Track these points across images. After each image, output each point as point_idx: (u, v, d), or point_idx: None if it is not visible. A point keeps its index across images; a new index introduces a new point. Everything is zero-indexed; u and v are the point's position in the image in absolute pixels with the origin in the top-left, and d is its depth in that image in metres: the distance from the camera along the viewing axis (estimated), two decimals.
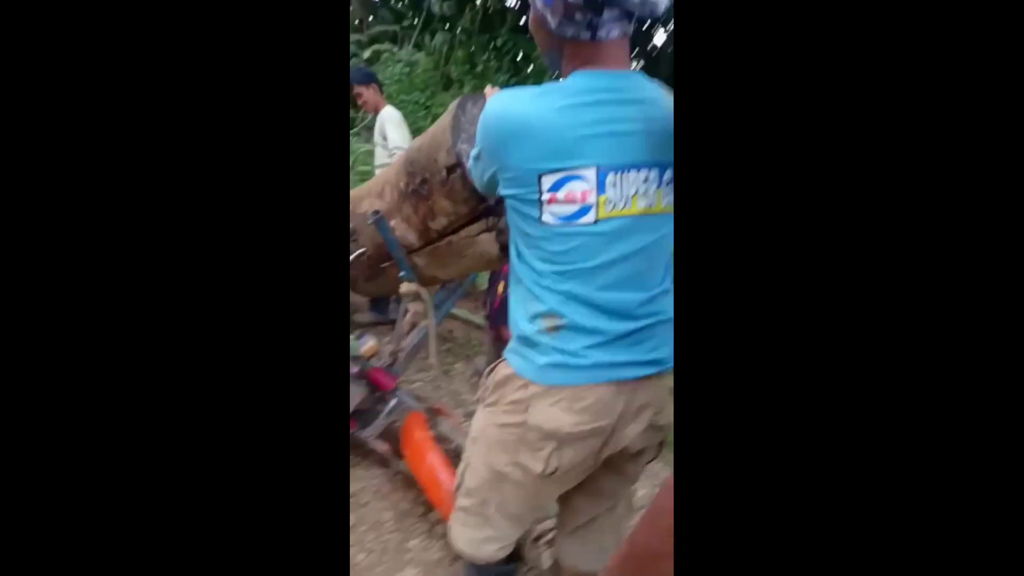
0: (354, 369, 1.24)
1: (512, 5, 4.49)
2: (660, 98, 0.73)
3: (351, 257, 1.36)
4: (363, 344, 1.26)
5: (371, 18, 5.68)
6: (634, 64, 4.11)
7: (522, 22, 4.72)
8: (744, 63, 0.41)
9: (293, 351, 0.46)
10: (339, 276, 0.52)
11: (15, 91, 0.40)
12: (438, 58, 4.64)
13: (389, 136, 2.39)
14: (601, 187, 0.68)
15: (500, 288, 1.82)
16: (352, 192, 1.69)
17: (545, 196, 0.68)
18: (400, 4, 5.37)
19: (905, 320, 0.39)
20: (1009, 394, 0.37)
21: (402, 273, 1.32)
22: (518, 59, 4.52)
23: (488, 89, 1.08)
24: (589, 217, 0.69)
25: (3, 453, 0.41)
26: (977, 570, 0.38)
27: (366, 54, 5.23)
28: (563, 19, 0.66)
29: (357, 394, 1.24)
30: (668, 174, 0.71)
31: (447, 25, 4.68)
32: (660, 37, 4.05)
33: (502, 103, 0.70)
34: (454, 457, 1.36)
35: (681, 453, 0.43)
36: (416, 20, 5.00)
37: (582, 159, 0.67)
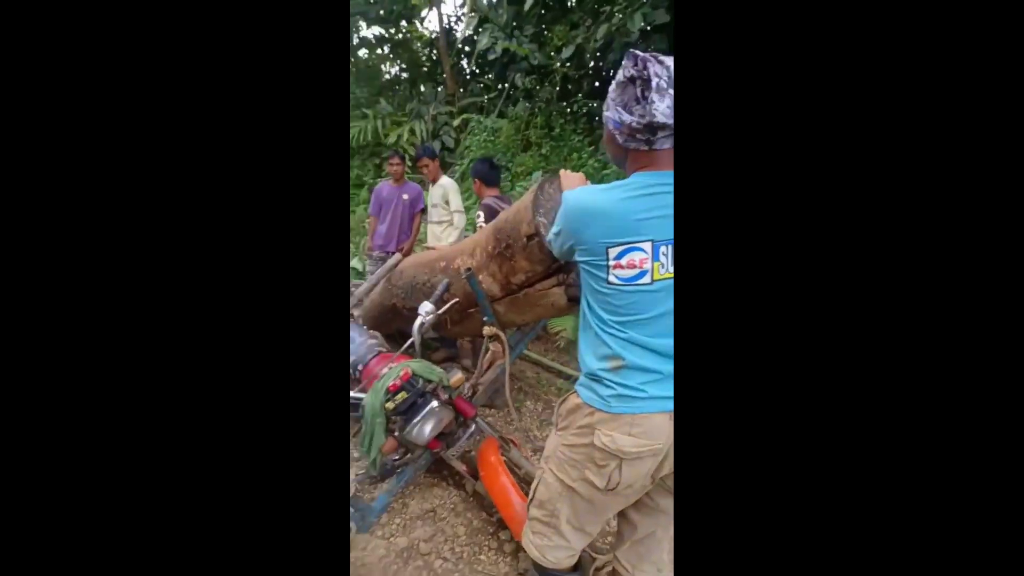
0: (444, 396, 1.50)
1: (589, 72, 4.92)
2: None
3: (446, 306, 1.65)
4: (452, 376, 1.52)
5: (462, 91, 6.49)
6: None
7: (596, 85, 5.13)
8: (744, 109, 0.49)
9: (296, 356, 0.50)
10: (339, 292, 0.57)
11: (16, 92, 0.41)
12: (519, 124, 5.17)
13: (451, 201, 3.06)
14: (656, 256, 0.87)
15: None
16: (446, 250, 2.04)
17: (611, 263, 0.88)
18: (488, 77, 6.09)
19: (882, 348, 0.44)
20: (1003, 401, 0.39)
21: (485, 318, 1.57)
22: (593, 121, 4.89)
23: (563, 172, 1.35)
24: (646, 279, 0.87)
25: (4, 452, 0.41)
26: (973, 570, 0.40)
27: (456, 122, 5.97)
28: (628, 137, 0.90)
29: (445, 418, 1.48)
30: None
31: (528, 96, 5.22)
32: None
33: (580, 196, 0.94)
34: (522, 481, 1.54)
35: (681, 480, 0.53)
36: (502, 91, 5.64)
37: (641, 235, 0.86)
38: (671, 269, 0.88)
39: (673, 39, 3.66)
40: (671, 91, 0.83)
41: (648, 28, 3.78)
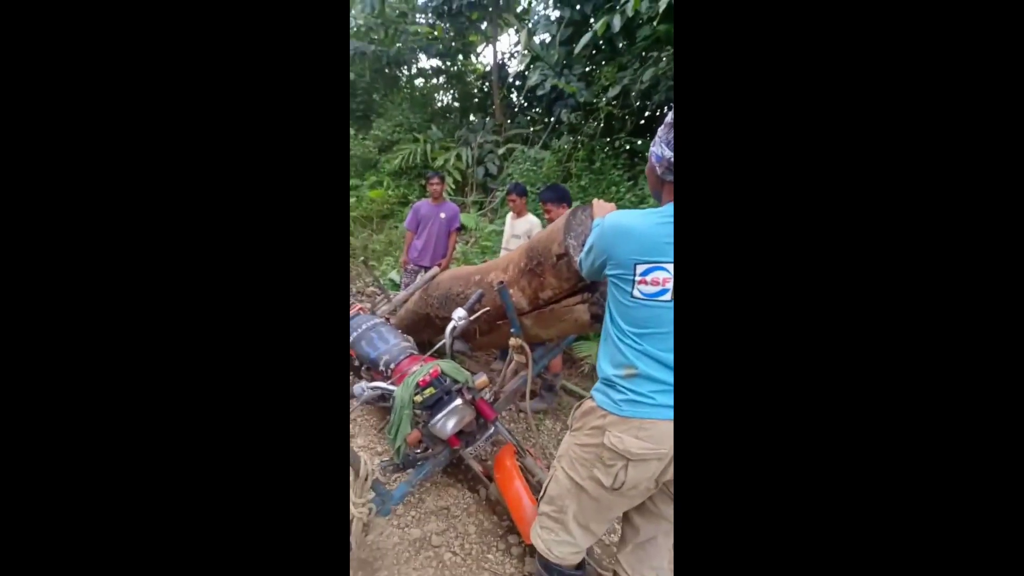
0: (468, 397, 1.61)
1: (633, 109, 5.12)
2: None
3: (478, 314, 1.78)
4: (478, 378, 1.63)
5: (509, 122, 6.82)
6: None
7: (640, 124, 5.30)
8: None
9: (296, 354, 0.50)
10: (340, 295, 0.56)
11: (16, 91, 0.41)
12: (561, 155, 5.38)
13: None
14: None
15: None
16: (482, 265, 2.19)
17: (637, 278, 0.97)
18: (535, 111, 6.41)
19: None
20: (1002, 405, 0.39)
21: (513, 330, 1.69)
22: (635, 158, 5.04)
23: (596, 201, 1.48)
24: (666, 296, 0.96)
25: (5, 453, 0.40)
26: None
27: (501, 151, 6.27)
28: (665, 170, 1.01)
29: (467, 416, 1.59)
30: None
31: (572, 130, 5.45)
32: None
33: (619, 216, 1.03)
34: (535, 488, 1.61)
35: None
36: (547, 124, 5.91)
37: (666, 257, 0.95)
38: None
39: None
40: None
41: None
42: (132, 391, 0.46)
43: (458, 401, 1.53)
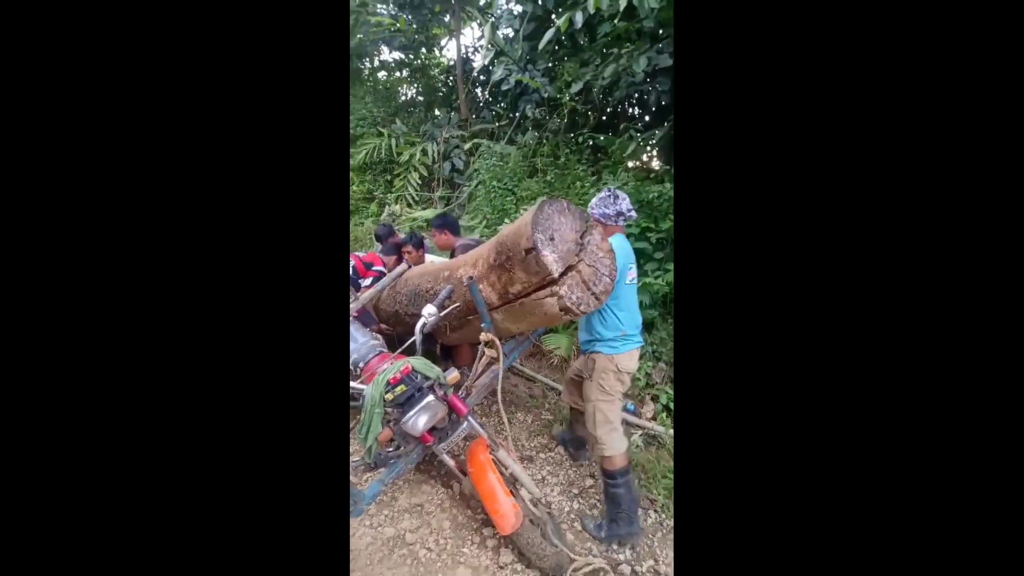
0: (439, 392, 1.60)
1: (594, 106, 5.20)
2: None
3: (447, 310, 1.77)
4: (449, 374, 1.63)
5: (474, 117, 6.78)
6: None
7: (603, 119, 5.39)
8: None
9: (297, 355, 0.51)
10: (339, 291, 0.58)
11: (17, 91, 0.40)
12: (527, 151, 5.40)
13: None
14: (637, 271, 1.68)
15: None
16: (450, 262, 2.18)
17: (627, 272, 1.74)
18: (500, 106, 6.40)
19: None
20: (998, 407, 0.40)
21: (483, 324, 1.70)
22: (598, 152, 5.12)
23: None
24: (636, 283, 1.82)
25: (7, 452, 0.40)
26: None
27: (467, 146, 6.23)
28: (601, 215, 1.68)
29: (439, 413, 1.59)
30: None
31: (537, 126, 5.48)
32: None
33: (612, 241, 1.64)
34: (508, 480, 1.63)
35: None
36: (512, 119, 5.92)
37: (631, 260, 1.77)
38: (638, 281, 1.58)
39: (674, 80, 3.91)
40: (626, 199, 1.79)
41: (653, 70, 4.04)
42: (129, 392, 0.47)
43: (430, 397, 1.53)
